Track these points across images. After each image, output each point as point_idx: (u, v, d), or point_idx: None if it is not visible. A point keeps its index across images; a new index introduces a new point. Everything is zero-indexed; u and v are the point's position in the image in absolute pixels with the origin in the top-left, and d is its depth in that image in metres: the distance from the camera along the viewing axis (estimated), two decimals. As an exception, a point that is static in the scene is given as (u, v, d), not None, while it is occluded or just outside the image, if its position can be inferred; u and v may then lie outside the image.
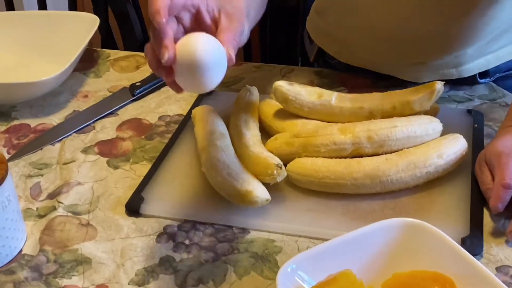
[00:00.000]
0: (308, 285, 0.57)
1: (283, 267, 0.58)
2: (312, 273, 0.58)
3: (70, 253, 0.69)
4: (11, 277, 0.66)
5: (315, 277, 0.58)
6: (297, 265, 0.58)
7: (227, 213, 0.72)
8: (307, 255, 0.59)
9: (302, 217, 0.71)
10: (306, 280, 0.58)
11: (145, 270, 0.66)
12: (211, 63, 0.58)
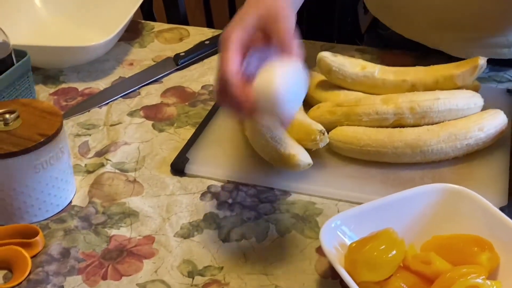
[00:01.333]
0: (350, 240, 0.59)
1: (327, 223, 0.60)
2: (355, 230, 0.60)
3: (118, 206, 0.72)
4: (62, 225, 0.69)
5: (357, 234, 0.60)
6: (341, 221, 0.60)
7: (269, 176, 0.74)
8: (350, 213, 0.61)
9: (342, 182, 0.73)
10: (349, 235, 0.60)
11: (190, 224, 0.69)
12: (291, 96, 0.57)
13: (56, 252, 0.66)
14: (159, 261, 0.65)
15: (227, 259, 0.65)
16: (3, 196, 0.68)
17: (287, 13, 0.64)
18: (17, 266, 0.63)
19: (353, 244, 0.57)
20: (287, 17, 0.64)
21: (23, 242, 0.65)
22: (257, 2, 0.65)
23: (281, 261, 0.64)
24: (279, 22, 0.63)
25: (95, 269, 0.64)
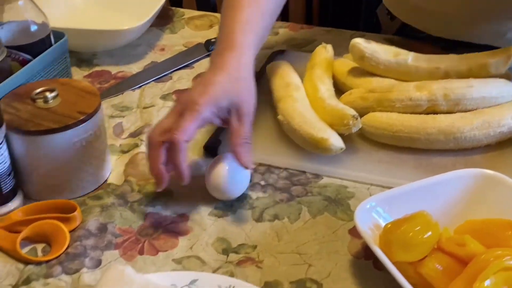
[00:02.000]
0: (384, 221, 0.60)
1: (362, 204, 0.61)
2: (389, 212, 0.61)
3: (152, 185, 0.73)
4: (99, 202, 0.71)
5: (392, 215, 0.60)
6: (376, 203, 0.61)
7: (300, 160, 0.75)
8: (385, 195, 0.62)
9: (374, 167, 0.73)
10: (383, 217, 0.60)
11: (224, 204, 0.70)
12: (232, 183, 0.69)
13: (93, 227, 0.67)
14: (194, 238, 0.66)
15: (260, 238, 0.66)
16: (42, 172, 0.69)
17: (247, 98, 0.70)
18: (55, 240, 0.65)
19: (388, 225, 0.58)
20: (248, 105, 0.70)
21: (62, 217, 0.66)
22: (226, 74, 0.70)
23: (314, 241, 0.65)
24: (241, 116, 0.68)
25: (131, 244, 0.65)
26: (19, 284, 0.61)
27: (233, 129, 0.68)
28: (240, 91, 0.70)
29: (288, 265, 0.62)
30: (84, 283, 0.61)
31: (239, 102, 0.69)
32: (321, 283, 0.60)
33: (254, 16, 0.75)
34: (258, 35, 0.76)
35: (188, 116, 0.65)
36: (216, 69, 0.71)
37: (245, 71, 0.72)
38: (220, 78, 0.69)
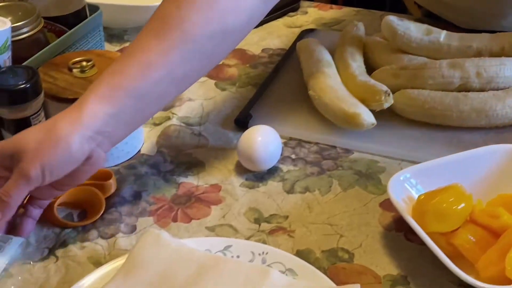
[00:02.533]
0: (417, 193, 0.60)
1: (396, 175, 0.61)
2: (422, 184, 0.62)
3: (184, 156, 0.75)
4: (133, 171, 0.72)
5: (425, 188, 0.61)
6: (410, 175, 0.61)
7: (331, 135, 0.76)
8: (419, 168, 0.62)
9: (405, 143, 0.74)
10: (416, 188, 0.61)
11: (255, 176, 0.71)
12: (264, 154, 0.70)
13: (128, 194, 0.69)
14: (226, 208, 0.67)
15: (291, 209, 0.66)
16: (78, 140, 0.71)
17: (36, 160, 0.56)
18: (91, 206, 0.66)
19: (422, 196, 0.59)
20: (32, 166, 0.56)
21: (97, 184, 0.67)
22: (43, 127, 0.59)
23: (345, 213, 0.66)
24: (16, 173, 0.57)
25: (165, 212, 0.67)
26: (56, 247, 0.62)
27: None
28: (35, 144, 0.57)
29: (320, 235, 0.63)
30: (119, 247, 0.62)
31: (22, 156, 0.57)
32: (353, 253, 0.61)
33: (160, 62, 0.60)
34: (140, 92, 0.60)
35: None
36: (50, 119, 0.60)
37: (69, 133, 0.57)
38: (33, 127, 0.60)
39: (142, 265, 0.56)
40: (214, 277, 0.55)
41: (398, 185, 0.61)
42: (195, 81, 0.66)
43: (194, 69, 0.64)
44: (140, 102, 0.60)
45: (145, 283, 0.55)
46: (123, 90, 0.59)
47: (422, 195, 0.59)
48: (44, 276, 0.59)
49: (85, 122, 0.58)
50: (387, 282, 0.57)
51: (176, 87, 0.64)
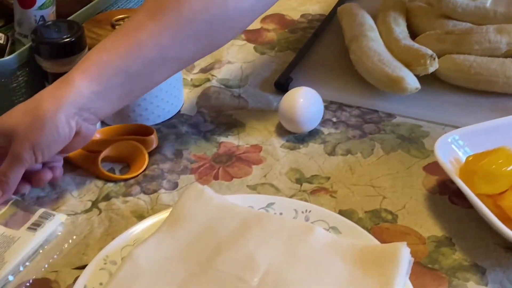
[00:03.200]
0: (464, 155, 0.59)
1: (443, 137, 0.60)
2: (469, 146, 0.60)
3: (225, 117, 0.74)
4: (173, 130, 0.72)
5: (473, 150, 0.60)
6: (458, 136, 0.60)
7: (373, 99, 0.75)
8: (466, 130, 0.61)
9: (449, 108, 0.72)
10: (464, 150, 0.60)
11: (295, 138, 0.71)
12: (306, 116, 0.69)
13: (169, 152, 0.69)
14: (267, 168, 0.67)
15: (333, 170, 0.66)
16: (120, 98, 0.71)
17: (25, 137, 0.57)
18: (134, 160, 0.66)
19: (470, 157, 0.58)
20: (20, 145, 0.57)
21: (139, 139, 0.68)
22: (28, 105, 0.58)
23: (388, 175, 0.65)
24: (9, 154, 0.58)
25: (206, 170, 0.66)
26: (99, 200, 0.63)
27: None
28: (23, 128, 0.57)
29: (362, 196, 0.62)
30: (162, 202, 0.62)
31: (13, 138, 0.58)
32: (396, 214, 0.60)
33: (152, 43, 0.58)
34: (128, 74, 0.58)
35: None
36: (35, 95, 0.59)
37: (53, 113, 0.57)
38: (19, 107, 0.59)
39: (186, 218, 0.56)
40: (257, 232, 0.55)
41: (445, 146, 0.59)
42: (192, 62, 0.64)
43: (189, 51, 0.61)
44: (128, 81, 0.59)
45: (189, 235, 0.55)
46: (111, 69, 0.58)
47: (470, 157, 0.58)
48: (88, 227, 0.60)
49: (70, 99, 0.57)
50: (431, 243, 0.57)
51: (168, 69, 0.61)
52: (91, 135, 0.61)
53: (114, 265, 0.53)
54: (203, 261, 0.52)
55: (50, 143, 0.58)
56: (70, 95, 0.57)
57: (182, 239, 0.54)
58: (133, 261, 0.52)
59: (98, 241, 0.58)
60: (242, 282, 0.50)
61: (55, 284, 0.54)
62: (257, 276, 0.51)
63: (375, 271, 0.51)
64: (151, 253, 0.53)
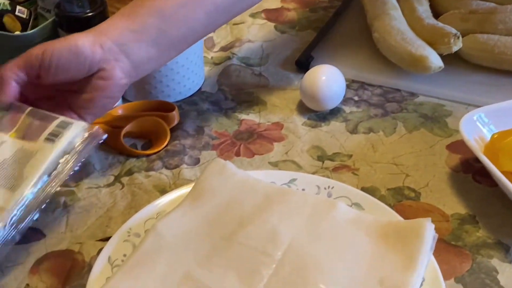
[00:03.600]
0: (489, 133, 0.59)
1: (468, 114, 0.60)
2: (495, 124, 0.60)
3: (245, 95, 0.74)
4: (194, 107, 0.72)
5: (498, 128, 0.59)
6: (484, 114, 0.60)
7: (395, 78, 0.74)
8: (492, 108, 0.61)
9: (472, 88, 0.72)
10: (489, 128, 0.59)
11: (317, 116, 0.70)
12: (328, 93, 0.69)
13: (191, 129, 0.69)
14: (289, 145, 0.66)
15: (355, 148, 0.66)
16: (141, 74, 0.71)
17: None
18: (156, 136, 0.67)
19: (495, 135, 0.57)
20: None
21: (161, 115, 0.68)
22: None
23: (411, 154, 0.64)
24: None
25: (228, 147, 0.66)
26: (121, 174, 0.63)
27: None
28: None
29: (385, 173, 0.62)
30: (184, 177, 0.62)
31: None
32: (419, 192, 0.60)
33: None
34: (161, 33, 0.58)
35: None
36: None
37: (80, 35, 0.55)
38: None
39: (209, 193, 0.56)
40: (280, 207, 0.55)
41: (470, 124, 0.59)
42: (227, 14, 0.62)
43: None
44: (163, 22, 0.58)
45: (212, 209, 0.55)
46: (146, 8, 0.57)
47: (495, 134, 0.57)
48: (111, 201, 0.60)
49: (103, 29, 0.56)
50: (455, 221, 0.57)
51: (203, 11, 0.60)
52: (116, 82, 0.56)
53: (138, 238, 0.53)
54: (226, 235, 0.53)
55: (65, 55, 0.54)
56: (104, 26, 0.56)
57: (205, 212, 0.55)
58: (157, 233, 0.52)
59: (121, 214, 0.58)
60: (265, 255, 0.51)
61: (79, 255, 0.54)
62: (280, 250, 0.51)
63: (399, 247, 0.51)
64: (175, 226, 0.53)
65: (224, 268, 0.50)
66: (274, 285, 0.49)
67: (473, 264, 0.52)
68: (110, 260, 0.51)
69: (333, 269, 0.49)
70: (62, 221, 0.58)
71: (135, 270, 0.49)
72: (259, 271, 0.49)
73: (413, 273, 0.48)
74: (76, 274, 0.53)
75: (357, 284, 0.48)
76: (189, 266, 0.50)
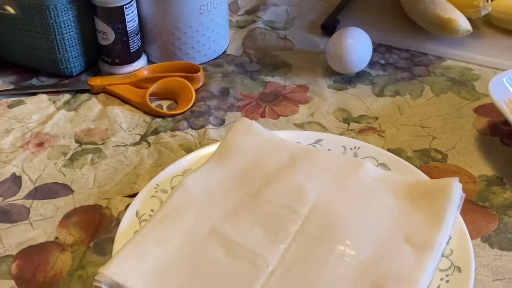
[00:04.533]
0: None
1: (498, 76, 0.59)
2: (524, 87, 0.59)
3: (271, 58, 0.74)
4: (220, 69, 0.72)
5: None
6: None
7: (422, 42, 0.73)
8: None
9: (500, 52, 0.71)
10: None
11: (342, 78, 0.70)
12: (354, 56, 0.68)
13: (216, 90, 0.69)
14: (314, 107, 0.66)
15: (381, 111, 0.65)
16: (167, 35, 0.70)
17: None
18: (181, 97, 0.67)
19: (525, 96, 0.57)
20: None
21: (186, 76, 0.68)
22: None
23: (437, 117, 0.64)
24: None
25: (253, 108, 0.66)
26: (147, 134, 0.63)
27: None
28: None
29: (411, 136, 0.62)
30: (209, 137, 0.63)
31: None
32: (446, 154, 0.59)
33: None
34: None
35: None
36: None
37: None
38: None
39: (235, 151, 0.56)
40: (306, 166, 0.55)
41: (499, 86, 0.58)
42: None
43: None
44: None
45: (239, 167, 0.55)
46: None
47: (525, 96, 0.57)
48: (138, 159, 0.60)
49: None
50: (482, 182, 0.56)
51: None
52: None
53: (165, 194, 0.54)
54: (253, 191, 0.53)
55: None
56: None
57: (232, 170, 0.55)
58: (184, 189, 0.52)
59: (148, 171, 0.59)
60: (291, 211, 0.51)
61: (107, 210, 0.55)
62: (307, 207, 0.51)
63: (426, 205, 0.50)
64: (202, 182, 0.53)
65: (250, 224, 0.50)
66: (300, 240, 0.49)
67: (500, 224, 0.52)
68: (138, 214, 0.52)
69: (359, 226, 0.49)
70: (89, 178, 0.58)
71: (163, 224, 0.50)
72: (286, 227, 0.50)
73: (440, 231, 0.48)
74: (104, 228, 0.53)
75: (383, 240, 0.48)
76: (215, 221, 0.50)
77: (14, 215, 0.55)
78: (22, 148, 0.62)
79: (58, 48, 0.69)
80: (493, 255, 0.50)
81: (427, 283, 0.46)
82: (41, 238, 0.53)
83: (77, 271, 0.50)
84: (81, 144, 0.62)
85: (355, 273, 0.46)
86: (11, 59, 0.73)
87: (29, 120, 0.65)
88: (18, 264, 0.50)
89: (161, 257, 0.48)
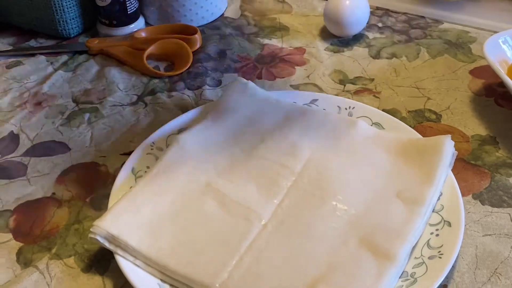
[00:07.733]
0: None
1: (493, 37, 0.59)
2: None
3: (268, 21, 0.74)
4: (217, 32, 0.72)
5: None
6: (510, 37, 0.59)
7: (420, 5, 0.73)
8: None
9: (498, 15, 0.71)
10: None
11: (339, 41, 0.70)
12: (351, 18, 0.68)
13: (213, 52, 0.69)
14: (311, 69, 0.66)
15: (377, 72, 0.65)
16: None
17: None
18: (178, 58, 0.67)
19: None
20: None
21: (183, 38, 0.68)
22: None
23: (433, 78, 0.64)
24: None
25: (250, 69, 0.67)
26: (144, 94, 0.64)
27: None
28: None
29: (406, 96, 0.62)
30: (206, 97, 0.63)
31: None
32: (440, 114, 0.60)
33: None
34: None
35: None
36: None
37: None
38: None
39: (231, 109, 0.57)
40: (301, 124, 0.55)
41: (495, 46, 0.58)
42: None
43: None
44: None
45: (234, 125, 0.56)
46: None
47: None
48: (135, 118, 0.61)
49: None
50: (475, 141, 0.57)
51: None
52: None
53: (160, 151, 0.54)
54: (247, 148, 0.53)
55: None
56: None
57: (226, 127, 0.55)
58: (179, 145, 0.53)
59: (144, 130, 0.59)
60: (284, 168, 0.51)
61: (103, 167, 0.56)
62: (300, 163, 0.52)
63: (418, 161, 0.51)
64: (197, 139, 0.54)
65: (244, 179, 0.51)
66: (293, 196, 0.50)
67: (492, 182, 0.53)
68: (134, 171, 0.53)
69: (351, 182, 0.50)
70: (86, 136, 0.59)
71: (158, 179, 0.51)
72: (279, 182, 0.50)
73: (431, 186, 0.49)
74: (100, 184, 0.54)
75: (375, 196, 0.49)
76: (210, 177, 0.51)
77: (12, 172, 0.55)
78: (20, 107, 0.62)
79: (56, 9, 0.69)
80: (484, 212, 0.50)
81: (417, 236, 0.47)
82: (38, 194, 0.54)
83: (73, 225, 0.51)
84: (78, 103, 0.63)
85: (347, 226, 0.47)
86: (10, 21, 0.73)
87: (27, 81, 0.66)
88: (16, 218, 0.51)
89: (156, 211, 0.49)
